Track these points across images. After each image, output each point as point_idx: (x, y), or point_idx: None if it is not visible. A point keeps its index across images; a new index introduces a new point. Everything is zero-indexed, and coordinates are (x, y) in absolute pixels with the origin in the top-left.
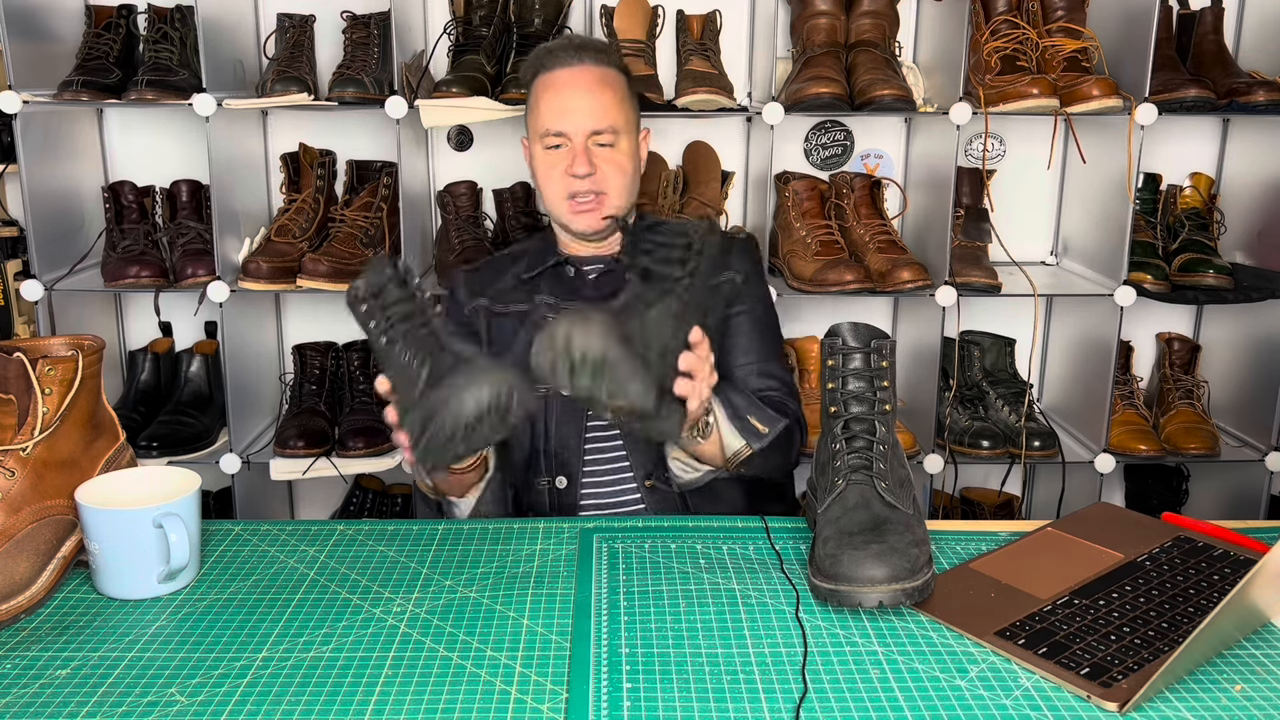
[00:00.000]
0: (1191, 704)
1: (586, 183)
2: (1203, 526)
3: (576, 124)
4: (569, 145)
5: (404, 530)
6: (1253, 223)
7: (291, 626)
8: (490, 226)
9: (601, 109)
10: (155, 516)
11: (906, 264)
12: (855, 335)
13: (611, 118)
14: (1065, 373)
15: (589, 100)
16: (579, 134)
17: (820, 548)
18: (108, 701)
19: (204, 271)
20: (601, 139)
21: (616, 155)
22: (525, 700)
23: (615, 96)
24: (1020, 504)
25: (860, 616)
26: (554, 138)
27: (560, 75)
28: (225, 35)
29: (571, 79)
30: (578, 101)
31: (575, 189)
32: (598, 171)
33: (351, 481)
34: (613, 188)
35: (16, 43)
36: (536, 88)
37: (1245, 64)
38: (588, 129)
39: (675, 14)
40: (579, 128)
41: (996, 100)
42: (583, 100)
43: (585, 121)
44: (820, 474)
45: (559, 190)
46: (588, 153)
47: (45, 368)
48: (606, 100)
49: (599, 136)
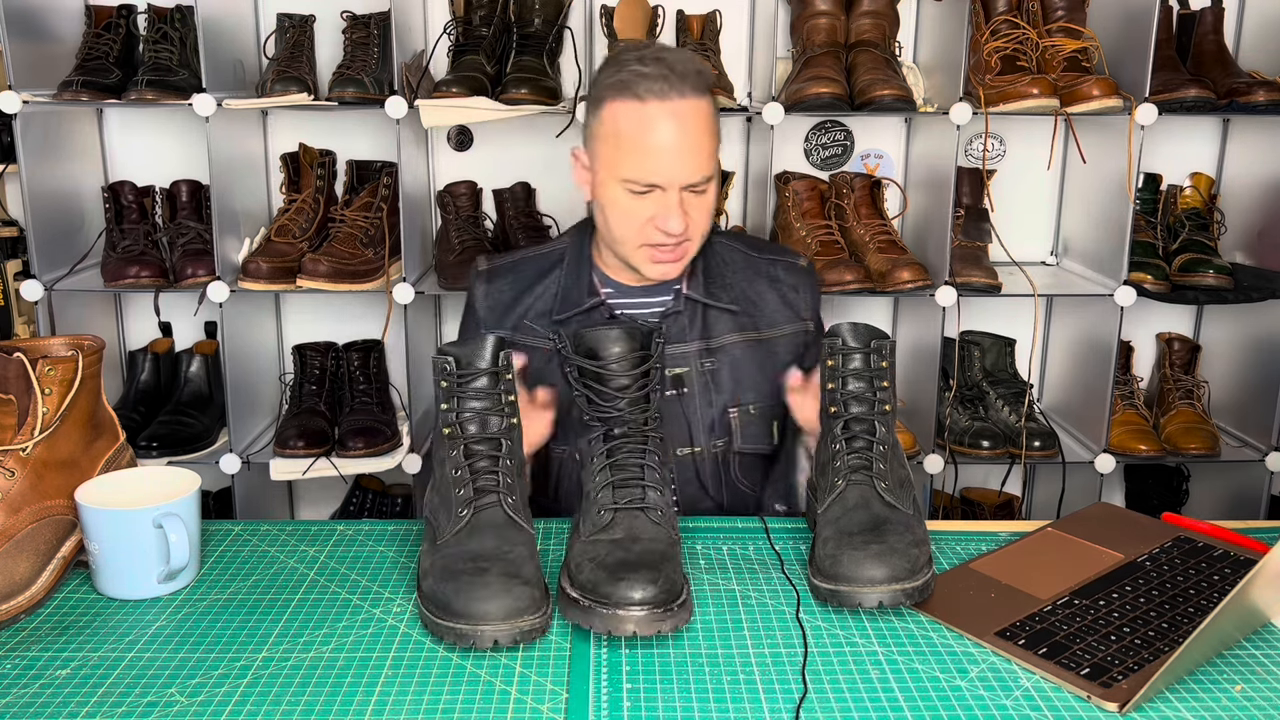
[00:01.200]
0: (1191, 704)
1: (676, 237)
2: (1203, 527)
3: (673, 176)
4: (658, 195)
5: (404, 530)
6: (1253, 223)
7: (291, 626)
8: (490, 226)
9: (701, 156)
10: (155, 516)
11: (906, 264)
12: (855, 335)
13: (709, 164)
14: (1065, 373)
15: (688, 147)
16: (674, 185)
17: (820, 548)
18: (108, 701)
19: (204, 271)
20: (696, 189)
21: (706, 199)
22: (525, 700)
23: (711, 135)
24: (1020, 504)
25: (860, 617)
26: (643, 186)
27: (654, 111)
28: (225, 35)
29: (668, 118)
30: (675, 149)
31: (661, 241)
32: (689, 224)
33: (351, 482)
34: (699, 234)
35: (16, 43)
36: (618, 110)
37: (1245, 64)
38: (685, 182)
39: (675, 14)
40: (675, 180)
41: (996, 100)
42: (681, 147)
43: (683, 174)
44: (820, 474)
45: (637, 237)
46: (682, 205)
47: (45, 368)
48: (707, 144)
49: (694, 186)
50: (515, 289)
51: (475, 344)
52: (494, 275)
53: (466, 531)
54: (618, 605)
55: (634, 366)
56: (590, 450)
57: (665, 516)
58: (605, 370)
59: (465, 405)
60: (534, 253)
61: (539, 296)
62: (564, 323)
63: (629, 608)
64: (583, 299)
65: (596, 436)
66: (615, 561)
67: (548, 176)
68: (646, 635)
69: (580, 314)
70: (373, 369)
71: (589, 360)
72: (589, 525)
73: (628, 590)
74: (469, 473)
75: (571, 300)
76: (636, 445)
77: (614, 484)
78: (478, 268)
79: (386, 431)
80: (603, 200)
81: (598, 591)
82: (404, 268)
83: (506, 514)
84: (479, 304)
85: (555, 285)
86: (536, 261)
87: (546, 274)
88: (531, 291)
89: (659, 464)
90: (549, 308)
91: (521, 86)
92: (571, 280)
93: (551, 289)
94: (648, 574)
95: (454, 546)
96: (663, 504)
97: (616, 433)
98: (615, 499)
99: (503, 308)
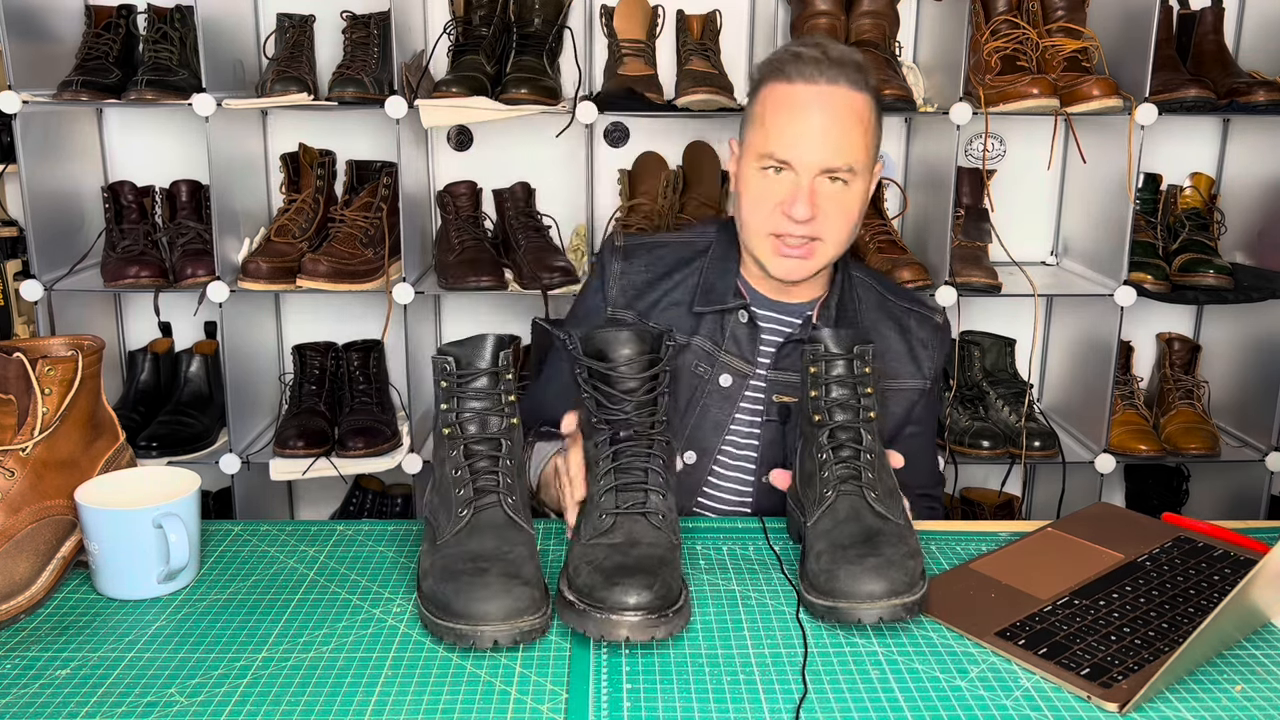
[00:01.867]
0: (1191, 704)
1: (802, 227)
2: (1203, 527)
3: (808, 156)
4: (791, 177)
5: (404, 530)
6: (1253, 223)
7: (291, 626)
8: (490, 226)
9: (843, 143)
10: (155, 516)
11: (906, 264)
12: (837, 341)
13: (852, 155)
14: (1065, 373)
15: (831, 130)
16: (808, 169)
17: (813, 562)
18: (108, 701)
19: (204, 271)
20: (833, 178)
21: (845, 198)
22: (525, 700)
23: (863, 129)
24: (1020, 504)
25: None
26: (776, 163)
27: (802, 92)
28: (225, 35)
29: (815, 100)
30: (816, 129)
31: (787, 230)
32: (819, 216)
33: (351, 482)
34: (832, 236)
35: (16, 43)
36: (767, 94)
37: (1245, 64)
38: (820, 165)
39: (675, 14)
40: (810, 161)
41: (996, 100)
42: (823, 129)
43: (819, 155)
44: (806, 485)
45: (765, 223)
46: (813, 193)
47: (45, 368)
48: (852, 134)
49: (831, 175)
50: (651, 272)
51: (475, 344)
52: (631, 253)
53: (466, 532)
54: (612, 610)
55: (642, 370)
56: (596, 453)
57: (667, 521)
58: (614, 372)
59: (465, 405)
60: (675, 238)
61: (677, 285)
62: (702, 316)
63: (623, 613)
64: (727, 296)
65: (603, 439)
66: (612, 566)
67: (548, 176)
68: (640, 641)
69: (720, 311)
70: (373, 369)
71: (598, 361)
72: (589, 529)
73: (622, 595)
74: (469, 473)
75: (716, 294)
76: (642, 449)
77: (617, 488)
78: (614, 243)
79: (386, 431)
80: (741, 185)
81: (593, 596)
82: (404, 268)
83: (506, 514)
84: (612, 280)
85: (697, 276)
86: (678, 248)
87: (688, 263)
88: (670, 279)
89: (663, 468)
90: (688, 298)
91: (521, 86)
92: (716, 274)
93: (692, 279)
94: (644, 579)
95: (454, 547)
96: (665, 508)
97: (623, 436)
98: (617, 503)
99: (636, 289)
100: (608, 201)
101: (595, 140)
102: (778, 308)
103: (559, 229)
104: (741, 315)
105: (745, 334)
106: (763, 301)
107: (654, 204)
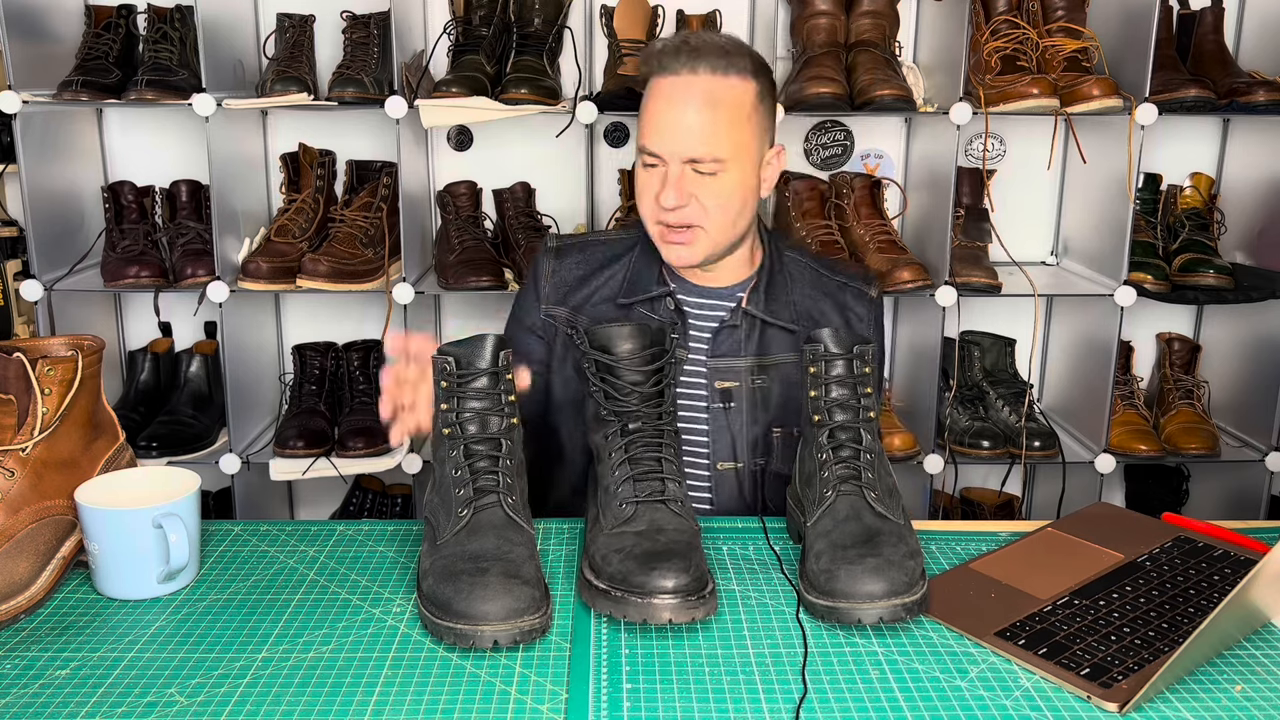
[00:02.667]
0: (1191, 704)
1: (675, 215)
2: (1203, 526)
3: (670, 147)
4: (662, 168)
5: (404, 530)
6: (1253, 223)
7: (291, 626)
8: (490, 226)
9: (704, 133)
10: (155, 516)
11: (906, 264)
12: (837, 341)
13: (715, 145)
14: (1065, 373)
15: (692, 121)
16: (674, 159)
17: (813, 562)
18: (107, 701)
19: (204, 271)
20: (701, 167)
21: (718, 185)
22: (525, 700)
23: (728, 116)
24: (1020, 504)
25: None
26: (649, 156)
27: (668, 84)
28: (225, 35)
29: (678, 90)
30: (677, 121)
31: (664, 219)
32: (690, 205)
33: (351, 482)
34: (710, 223)
35: (16, 43)
36: (649, 88)
37: (1245, 64)
38: (682, 155)
39: (675, 14)
40: (672, 152)
41: (997, 100)
42: (683, 120)
43: (680, 145)
44: (806, 485)
45: (649, 213)
46: (681, 181)
47: (45, 368)
48: (716, 122)
49: (698, 165)
50: (583, 269)
51: (475, 344)
52: (563, 253)
53: (466, 532)
54: (651, 594)
55: (647, 363)
56: (607, 445)
57: (685, 508)
58: (620, 365)
59: (465, 405)
60: (605, 237)
61: (606, 281)
62: (629, 307)
63: (662, 596)
64: (651, 286)
65: (614, 431)
66: (643, 552)
67: (548, 176)
68: (682, 622)
69: (647, 300)
70: (373, 369)
71: (605, 354)
72: (610, 518)
73: (660, 579)
74: (469, 473)
75: (640, 286)
76: (652, 439)
77: (634, 478)
78: (547, 244)
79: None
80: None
81: (629, 582)
82: (404, 268)
83: (506, 514)
84: (544, 279)
85: (624, 271)
86: (608, 246)
87: (616, 259)
88: (600, 275)
89: (675, 457)
90: (615, 293)
91: (521, 86)
92: (642, 267)
93: (620, 274)
94: (679, 562)
95: (454, 547)
96: (681, 495)
97: (632, 428)
98: (636, 492)
99: (568, 286)
100: (608, 201)
101: (595, 140)
102: (704, 293)
103: (559, 229)
104: (668, 302)
105: (675, 320)
106: (690, 289)
107: None
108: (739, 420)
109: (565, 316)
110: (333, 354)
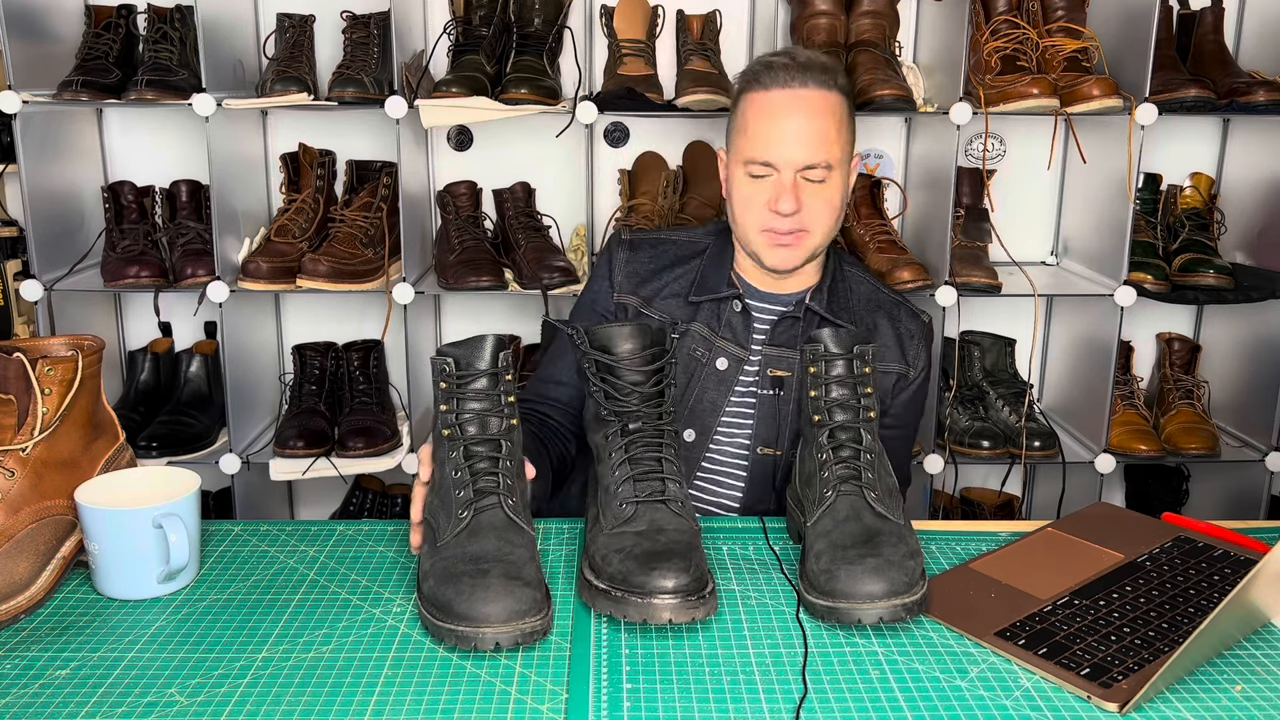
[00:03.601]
0: (1191, 704)
1: (789, 221)
2: (1203, 526)
3: (787, 156)
4: (775, 177)
5: (404, 530)
6: (1253, 223)
7: (291, 626)
8: (490, 226)
9: (817, 142)
10: (155, 516)
11: (906, 264)
12: (837, 341)
13: (827, 152)
14: (1065, 373)
15: (805, 131)
16: (788, 167)
17: (813, 562)
18: (107, 701)
19: (204, 271)
20: (812, 174)
21: (826, 191)
22: (525, 700)
23: (835, 126)
24: (1020, 504)
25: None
26: (760, 167)
27: (776, 97)
28: (225, 35)
29: (788, 104)
30: (792, 131)
31: (775, 225)
32: (803, 210)
33: (351, 482)
34: (818, 227)
35: (16, 43)
36: (746, 103)
37: (1245, 64)
38: (799, 163)
39: (675, 14)
40: (789, 160)
41: (997, 100)
42: (798, 130)
43: (797, 154)
44: (806, 485)
45: (756, 221)
46: (796, 188)
47: (45, 368)
48: (825, 131)
49: (810, 172)
50: (655, 264)
51: (474, 345)
52: (636, 246)
53: (467, 533)
54: (651, 594)
55: (648, 363)
56: (608, 445)
57: (685, 508)
58: (620, 365)
59: (465, 406)
60: (677, 236)
61: (678, 278)
62: (699, 305)
63: (662, 596)
64: (721, 287)
65: (614, 431)
66: (644, 552)
67: (548, 176)
68: (682, 622)
69: (715, 300)
70: (372, 369)
71: (605, 354)
72: (610, 518)
73: (660, 579)
74: (469, 474)
75: (709, 286)
76: (652, 439)
77: (634, 478)
78: (621, 235)
79: (386, 431)
80: (731, 190)
81: (629, 582)
82: (404, 268)
83: (507, 515)
84: (618, 269)
85: (695, 272)
86: (680, 246)
87: (687, 260)
88: (671, 271)
89: (675, 457)
90: (685, 290)
91: (521, 86)
92: (712, 270)
93: (690, 274)
94: (679, 562)
95: (454, 548)
96: (681, 496)
97: (632, 428)
98: (636, 492)
99: (640, 278)
100: (608, 201)
101: (595, 140)
102: (770, 299)
103: (559, 229)
104: (735, 304)
105: (739, 321)
106: (755, 294)
107: (654, 204)
108: (787, 409)
109: (637, 305)
110: (333, 354)
